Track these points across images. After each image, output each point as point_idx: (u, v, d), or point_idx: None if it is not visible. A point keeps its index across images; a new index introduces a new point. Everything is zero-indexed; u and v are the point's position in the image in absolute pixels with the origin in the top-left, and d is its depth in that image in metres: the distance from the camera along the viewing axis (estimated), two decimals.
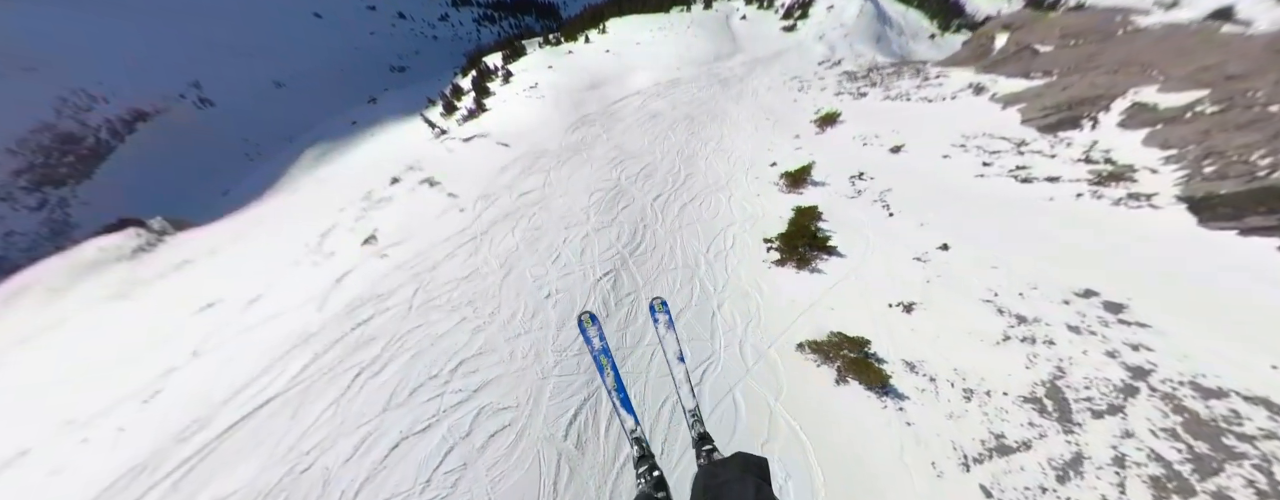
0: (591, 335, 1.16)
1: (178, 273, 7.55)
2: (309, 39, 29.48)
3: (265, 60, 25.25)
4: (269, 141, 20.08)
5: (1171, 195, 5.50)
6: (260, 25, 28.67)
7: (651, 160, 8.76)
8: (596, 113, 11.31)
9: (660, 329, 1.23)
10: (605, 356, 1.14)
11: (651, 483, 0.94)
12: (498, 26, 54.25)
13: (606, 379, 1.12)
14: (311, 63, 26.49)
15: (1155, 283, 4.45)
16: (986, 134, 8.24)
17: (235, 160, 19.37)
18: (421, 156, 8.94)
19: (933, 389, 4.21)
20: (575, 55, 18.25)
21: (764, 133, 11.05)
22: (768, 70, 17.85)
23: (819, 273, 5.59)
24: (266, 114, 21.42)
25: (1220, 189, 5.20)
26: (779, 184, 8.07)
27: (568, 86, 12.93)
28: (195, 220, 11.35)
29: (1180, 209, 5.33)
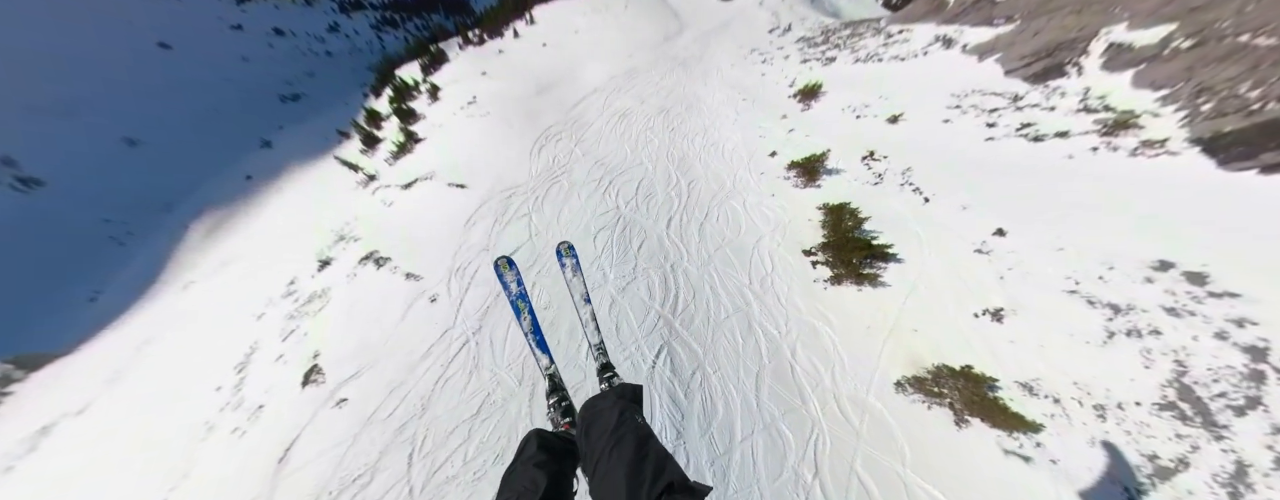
0: (508, 280, 1.22)
1: (34, 454, 5.30)
2: (160, 78, 23.09)
3: (103, 115, 19.35)
4: (140, 216, 15.65)
5: (1182, 139, 5.45)
6: (86, 72, 21.69)
7: (643, 173, 7.53)
8: (558, 123, 9.65)
9: (567, 273, 1.34)
10: (523, 301, 1.22)
11: (561, 410, 1.13)
12: (402, 30, 47.47)
13: (523, 322, 1.23)
14: (170, 107, 20.78)
15: (1217, 242, 4.28)
16: (976, 91, 7.96)
17: (97, 249, 14.90)
18: (352, 217, 6.95)
19: (1062, 413, 3.71)
20: (508, 55, 15.82)
21: (747, 115, 10.13)
22: (721, 44, 16.71)
23: (882, 285, 4.92)
24: (124, 182, 16.61)
25: (1224, 127, 5.18)
26: (789, 177, 7.27)
27: (513, 95, 10.97)
28: (54, 349, 8.37)
29: (1195, 153, 5.28)
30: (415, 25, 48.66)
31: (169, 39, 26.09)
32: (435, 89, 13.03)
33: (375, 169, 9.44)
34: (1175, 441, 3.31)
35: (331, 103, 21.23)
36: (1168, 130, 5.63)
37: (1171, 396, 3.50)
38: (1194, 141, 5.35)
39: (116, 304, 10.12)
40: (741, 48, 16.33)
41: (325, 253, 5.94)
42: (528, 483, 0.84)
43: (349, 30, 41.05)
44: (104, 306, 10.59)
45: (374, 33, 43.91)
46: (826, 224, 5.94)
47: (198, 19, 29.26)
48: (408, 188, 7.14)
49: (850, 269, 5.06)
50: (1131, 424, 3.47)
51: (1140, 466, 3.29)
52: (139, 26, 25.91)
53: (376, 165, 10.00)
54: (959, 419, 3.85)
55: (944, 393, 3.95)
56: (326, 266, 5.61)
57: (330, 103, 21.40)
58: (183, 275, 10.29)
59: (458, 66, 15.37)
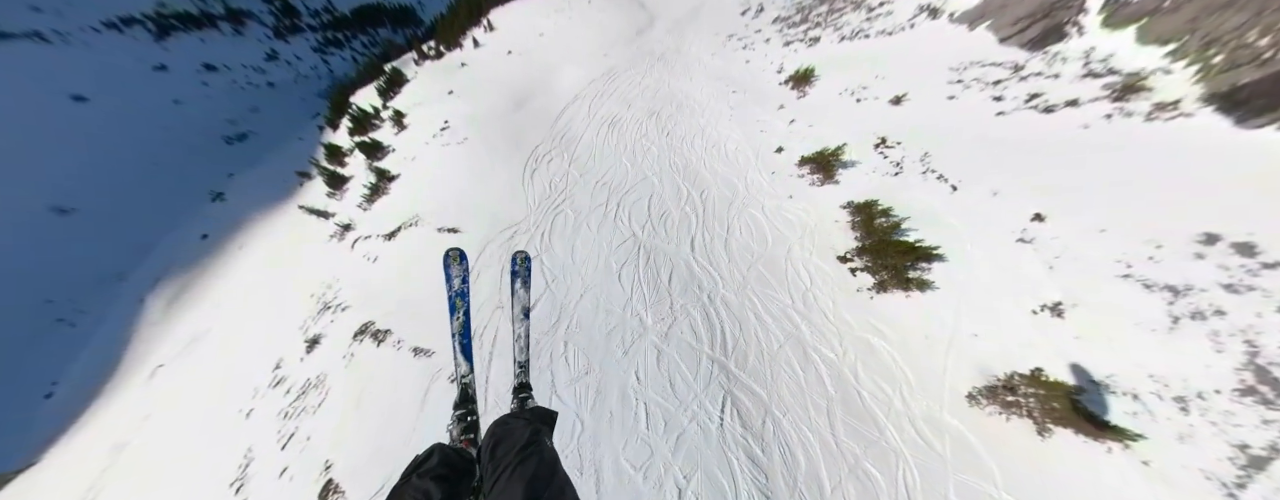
0: (453, 274, 1.17)
1: None
2: (80, 135, 20.92)
3: (18, 185, 17.46)
4: (87, 292, 14.34)
5: (1194, 98, 5.47)
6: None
7: (650, 189, 7.17)
8: (545, 140, 9.12)
9: (517, 284, 1.29)
10: (461, 299, 1.17)
11: (464, 425, 1.06)
12: (348, 50, 44.74)
13: (454, 322, 1.15)
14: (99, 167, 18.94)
15: (1255, 208, 4.30)
16: (974, 62, 7.87)
17: (44, 335, 13.61)
18: (332, 278, 6.38)
19: (1143, 409, 3.65)
20: (473, 67, 14.99)
21: (743, 110, 9.81)
22: (696, 33, 16.23)
23: (931, 288, 4.78)
24: (61, 257, 15.12)
25: (1240, 79, 5.17)
26: (804, 175, 7.05)
27: (489, 114, 10.32)
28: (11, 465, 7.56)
29: (1209, 111, 5.30)
30: (362, 43, 45.99)
31: (82, 90, 23.67)
32: (399, 115, 12.19)
33: (348, 216, 8.76)
34: (1263, 428, 3.28)
35: (283, 138, 19.80)
36: (1179, 90, 5.63)
37: (1250, 380, 3.47)
38: (1207, 100, 5.36)
39: (77, 398, 9.21)
40: (717, 35, 15.88)
41: (310, 327, 5.25)
42: (420, 495, 0.80)
43: (289, 56, 38.36)
44: (63, 402, 9.64)
45: (318, 56, 41.25)
46: (857, 225, 5.76)
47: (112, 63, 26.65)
48: (392, 237, 6.57)
49: (895, 275, 4.89)
50: (1216, 414, 3.43)
51: (1233, 458, 3.25)
52: (42, 78, 23.41)
53: (348, 211, 9.27)
54: (1041, 428, 3.75)
55: (1020, 401, 3.83)
56: (315, 346, 4.95)
57: (282, 138, 19.94)
58: (148, 358, 9.41)
59: (419, 86, 14.45)
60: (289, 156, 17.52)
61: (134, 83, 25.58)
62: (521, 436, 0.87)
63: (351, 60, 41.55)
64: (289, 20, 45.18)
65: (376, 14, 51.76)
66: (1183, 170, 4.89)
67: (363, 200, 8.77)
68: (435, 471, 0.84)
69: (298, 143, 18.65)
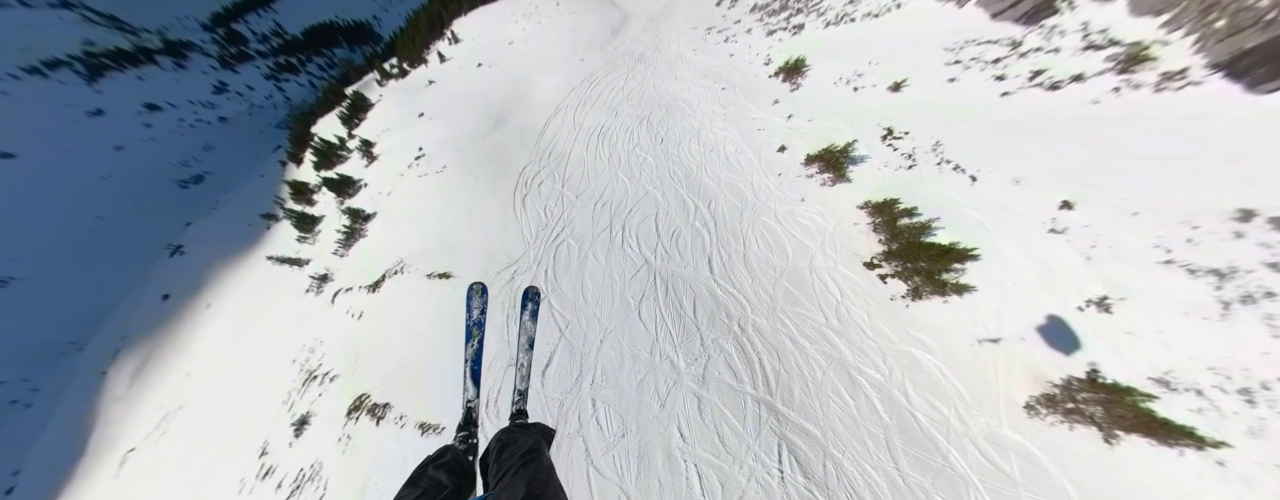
0: (474, 305, 1.25)
1: None
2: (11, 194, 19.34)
3: None
4: (41, 367, 13.33)
5: (1201, 65, 5.47)
6: None
7: (654, 205, 6.91)
8: (532, 161, 8.74)
9: (525, 317, 1.34)
10: (478, 329, 1.25)
11: (465, 447, 1.10)
12: (304, 74, 43.03)
13: (468, 348, 1.24)
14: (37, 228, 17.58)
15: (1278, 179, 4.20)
16: (969, 41, 7.82)
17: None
18: (315, 340, 5.92)
19: (1209, 405, 3.56)
20: (442, 85, 14.43)
21: (736, 107, 9.61)
22: (673, 29, 15.98)
23: (968, 290, 4.63)
24: (4, 331, 13.97)
25: (1244, 43, 5.18)
26: (812, 174, 6.88)
27: (466, 137, 9.87)
28: None
29: (1218, 78, 5.32)
30: (319, 66, 44.32)
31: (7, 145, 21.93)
32: (367, 145, 11.59)
33: (324, 265, 8.24)
34: None
35: (243, 177, 18.79)
36: (1183, 58, 5.63)
37: None
38: (1214, 67, 5.37)
39: (41, 489, 8.43)
40: (696, 29, 15.66)
41: (296, 403, 4.65)
42: (434, 483, 0.93)
43: (240, 87, 36.63)
44: (25, 496, 8.83)
45: (272, 84, 39.55)
46: (879, 226, 5.61)
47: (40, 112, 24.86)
48: (376, 288, 6.08)
49: (929, 279, 4.74)
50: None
51: None
52: None
53: (323, 258, 8.71)
54: (1107, 436, 3.64)
55: (1081, 408, 3.70)
56: (305, 427, 4.42)
57: (241, 177, 18.93)
58: (116, 441, 8.69)
59: (385, 110, 13.82)
60: (251, 197, 16.57)
61: (67, 132, 23.94)
62: (525, 443, 0.98)
63: (310, 85, 40.06)
64: (235, 48, 43.19)
65: (330, 34, 49.91)
66: (1203, 141, 4.87)
67: (338, 245, 8.23)
68: (449, 465, 0.97)
69: (259, 181, 17.69)
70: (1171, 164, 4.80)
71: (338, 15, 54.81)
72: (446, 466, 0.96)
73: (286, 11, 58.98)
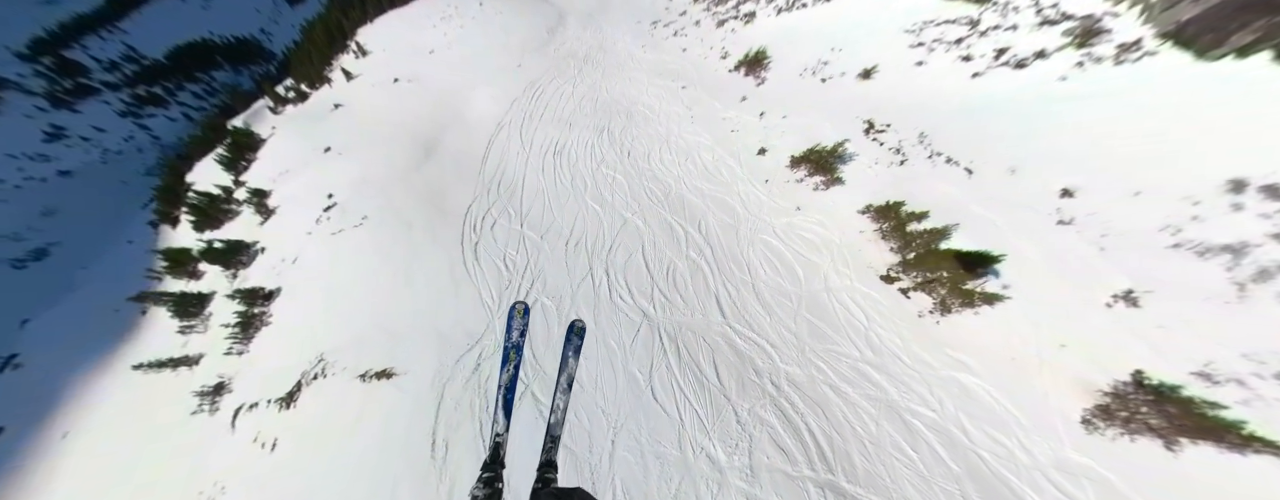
0: (515, 326, 1.21)
1: None
2: None
3: None
4: None
5: (1151, 35, 5.69)
6: None
7: (636, 237, 6.14)
8: (478, 197, 7.50)
9: (568, 353, 1.29)
10: (516, 353, 1.21)
11: (490, 491, 1.07)
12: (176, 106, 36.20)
13: (503, 374, 1.19)
14: None
15: (1260, 143, 4.43)
16: (927, 22, 7.85)
17: None
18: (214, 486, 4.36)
19: (1253, 395, 3.48)
20: (352, 108, 12.42)
21: (701, 107, 9.02)
22: (616, 24, 15.11)
23: (998, 299, 4.35)
24: None
25: (1181, 15, 5.43)
26: (801, 178, 6.48)
27: (389, 173, 8.36)
28: None
29: (1170, 48, 5.56)
30: (195, 94, 37.45)
31: None
32: (260, 195, 9.46)
33: (217, 370, 6.16)
34: None
35: (104, 245, 15.17)
36: (1134, 29, 5.86)
37: None
38: (1163, 36, 5.60)
39: None
40: (639, 23, 14.91)
41: None
42: None
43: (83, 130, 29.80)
44: None
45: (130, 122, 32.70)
46: (887, 233, 5.25)
47: None
48: (290, 403, 4.52)
49: (955, 291, 4.39)
50: None
51: None
52: None
53: (214, 358, 6.56)
54: (1169, 443, 3.44)
55: (1137, 415, 3.50)
56: None
57: (102, 245, 15.28)
58: None
59: (281, 145, 11.56)
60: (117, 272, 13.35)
61: None
62: None
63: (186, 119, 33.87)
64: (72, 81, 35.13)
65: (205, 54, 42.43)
66: (1175, 111, 5.02)
67: (232, 339, 6.21)
68: None
69: (127, 249, 14.29)
70: (1153, 137, 4.89)
71: (212, 32, 46.61)
72: None
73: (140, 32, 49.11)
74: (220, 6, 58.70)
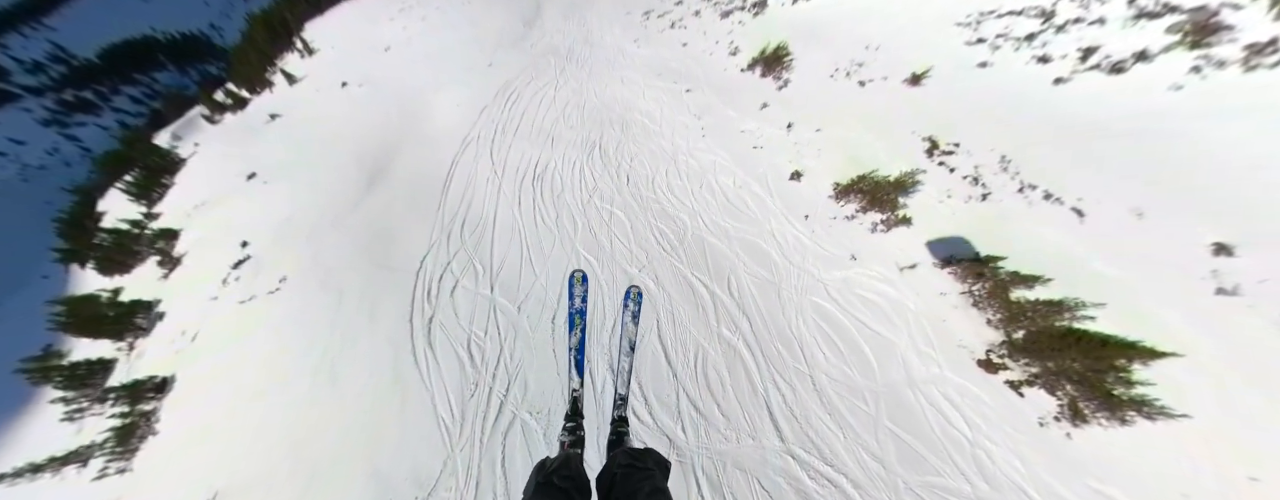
0: (577, 293, 1.39)
1: None
2: None
3: None
4: None
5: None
6: None
7: (650, 312, 4.79)
8: (435, 242, 6.07)
9: (626, 317, 1.45)
10: (581, 318, 1.40)
11: (574, 438, 1.32)
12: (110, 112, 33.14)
13: (572, 337, 1.40)
14: None
15: None
16: (984, 12, 6.73)
17: None
18: None
19: None
20: (290, 119, 10.72)
21: (713, 116, 7.73)
22: (600, 14, 13.61)
23: (1157, 405, 3.20)
24: None
25: None
26: (851, 213, 5.32)
27: (324, 212, 6.92)
28: None
29: None
30: (131, 98, 34.25)
31: None
32: (166, 238, 7.67)
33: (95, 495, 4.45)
34: None
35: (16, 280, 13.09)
36: (1265, 26, 4.74)
37: None
38: None
39: None
40: (629, 14, 13.44)
41: None
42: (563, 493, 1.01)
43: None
44: None
45: (55, 132, 29.61)
46: (982, 299, 4.08)
47: None
48: None
49: (1093, 390, 3.23)
50: None
51: None
52: None
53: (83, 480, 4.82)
54: None
55: None
56: None
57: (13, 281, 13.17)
58: None
59: (202, 168, 9.82)
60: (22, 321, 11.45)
61: None
62: (660, 482, 1.07)
63: (122, 126, 31.07)
64: None
65: (145, 53, 38.81)
66: None
67: (111, 452, 4.47)
68: (574, 478, 1.05)
69: (41, 285, 12.37)
70: None
71: (154, 27, 42.50)
72: (571, 478, 1.02)
73: (70, 28, 44.50)
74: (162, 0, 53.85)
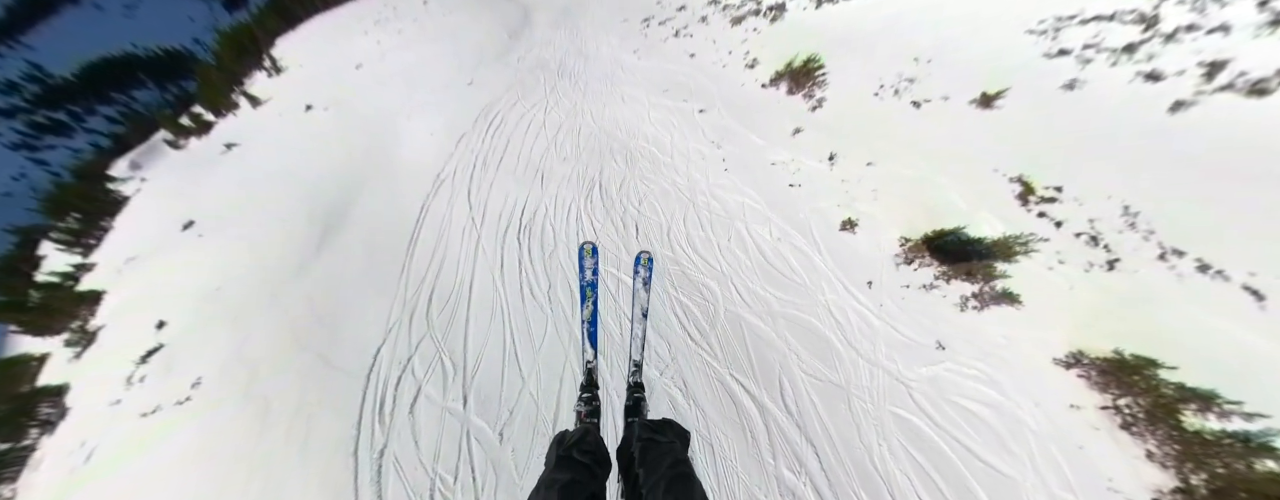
0: (587, 266, 1.40)
1: None
2: None
3: None
4: None
5: None
6: None
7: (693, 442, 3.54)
8: (394, 324, 4.88)
9: (637, 283, 1.46)
10: (592, 290, 1.41)
11: (591, 408, 1.37)
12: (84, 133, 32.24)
13: (584, 310, 1.44)
14: None
15: None
16: (1065, 18, 5.65)
17: None
18: None
19: None
20: (245, 149, 9.79)
21: (734, 143, 6.75)
22: (595, 22, 12.68)
23: None
24: None
25: None
26: (927, 280, 4.34)
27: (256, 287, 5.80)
28: None
29: None
30: (107, 118, 33.38)
31: None
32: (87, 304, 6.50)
33: None
34: None
35: None
36: None
37: None
38: None
39: None
40: (627, 20, 12.48)
41: None
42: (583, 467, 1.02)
43: None
44: None
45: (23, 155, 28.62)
46: (1131, 416, 2.98)
47: None
48: None
49: None
50: None
51: None
52: None
53: None
54: None
55: None
56: None
57: None
58: None
59: (145, 208, 8.79)
60: None
61: None
62: (680, 452, 1.09)
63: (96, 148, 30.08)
64: None
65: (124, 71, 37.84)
66: None
67: None
68: (592, 451, 1.07)
69: None
70: None
71: (135, 43, 41.42)
72: (591, 452, 1.04)
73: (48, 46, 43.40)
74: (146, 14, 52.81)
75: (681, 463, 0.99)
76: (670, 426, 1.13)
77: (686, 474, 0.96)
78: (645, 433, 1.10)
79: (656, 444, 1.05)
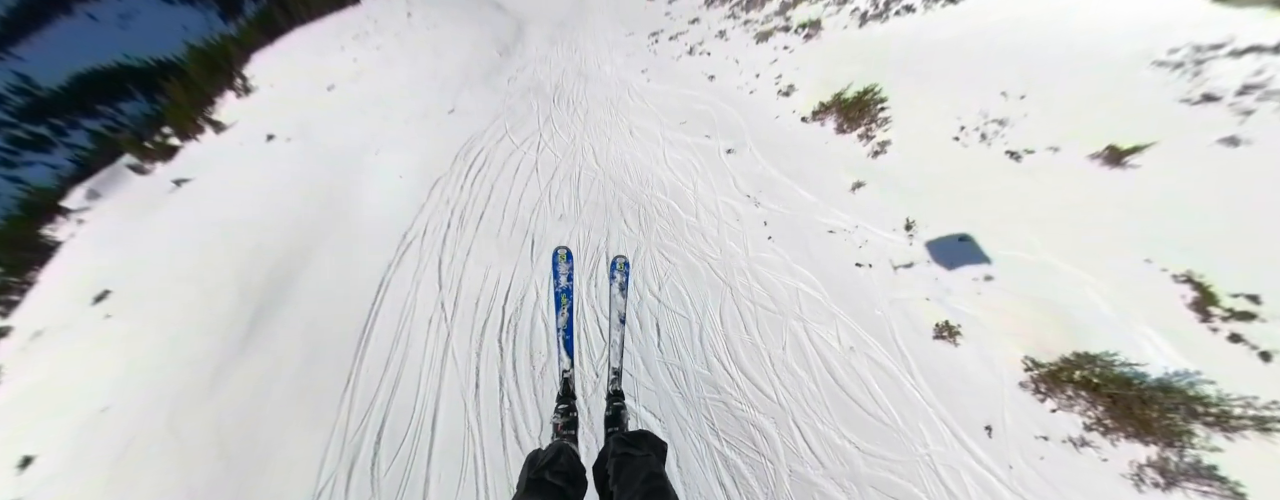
0: (561, 271, 1.32)
1: None
2: None
3: None
4: None
5: None
6: None
7: None
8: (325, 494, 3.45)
9: (614, 288, 1.40)
10: (567, 297, 1.31)
11: (567, 420, 1.28)
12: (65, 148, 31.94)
13: (558, 317, 1.33)
14: None
15: None
16: (1199, 47, 4.48)
17: None
18: None
19: None
20: (195, 189, 8.71)
21: (776, 199, 5.57)
22: (597, 37, 11.66)
23: None
24: None
25: None
26: (1077, 433, 3.08)
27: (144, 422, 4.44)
28: None
29: None
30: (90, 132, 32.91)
31: None
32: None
33: None
34: None
35: None
36: None
37: None
38: None
39: None
40: (633, 34, 11.46)
41: None
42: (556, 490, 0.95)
43: None
44: None
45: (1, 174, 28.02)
46: None
47: None
48: None
49: None
50: None
51: None
52: None
53: None
54: None
55: None
56: None
57: None
58: None
59: (70, 262, 7.56)
60: None
61: None
62: (656, 467, 1.03)
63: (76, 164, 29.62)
64: None
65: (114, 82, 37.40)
66: None
67: None
68: (566, 471, 1.00)
69: None
70: None
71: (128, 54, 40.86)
72: (564, 473, 1.00)
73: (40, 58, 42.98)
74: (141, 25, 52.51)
75: (656, 477, 0.96)
76: (646, 438, 1.11)
77: (661, 488, 0.93)
78: (619, 447, 1.07)
79: (631, 458, 1.03)
